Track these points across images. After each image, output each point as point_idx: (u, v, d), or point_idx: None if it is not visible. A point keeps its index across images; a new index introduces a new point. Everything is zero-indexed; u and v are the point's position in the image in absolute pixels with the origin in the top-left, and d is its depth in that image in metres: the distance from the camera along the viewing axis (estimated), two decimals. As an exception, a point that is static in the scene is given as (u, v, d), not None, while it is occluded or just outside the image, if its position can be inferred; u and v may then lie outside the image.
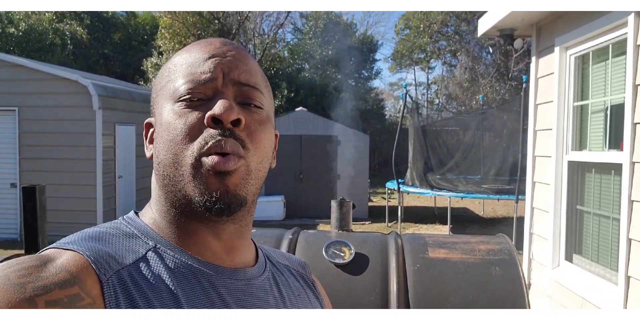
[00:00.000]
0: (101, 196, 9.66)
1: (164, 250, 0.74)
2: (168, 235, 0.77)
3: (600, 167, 3.82)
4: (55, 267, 0.64)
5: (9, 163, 9.72)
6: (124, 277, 0.67)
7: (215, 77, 0.75)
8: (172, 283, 0.70)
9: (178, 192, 0.74)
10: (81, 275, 0.64)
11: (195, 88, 0.74)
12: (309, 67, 24.02)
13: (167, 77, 0.79)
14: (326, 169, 13.14)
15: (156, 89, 0.81)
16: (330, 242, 2.00)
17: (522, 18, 4.48)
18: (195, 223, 0.76)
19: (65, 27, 23.56)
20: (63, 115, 9.55)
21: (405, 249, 1.99)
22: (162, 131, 0.75)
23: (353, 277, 1.93)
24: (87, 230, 0.75)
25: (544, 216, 4.49)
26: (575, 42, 4.01)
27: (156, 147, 0.77)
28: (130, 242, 0.74)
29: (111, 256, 0.69)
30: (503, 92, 22.04)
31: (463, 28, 23.86)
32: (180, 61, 0.79)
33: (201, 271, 0.74)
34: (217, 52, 0.78)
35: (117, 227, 0.77)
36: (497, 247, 2.01)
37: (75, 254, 0.67)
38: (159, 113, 0.78)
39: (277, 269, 0.90)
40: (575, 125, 4.12)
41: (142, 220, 0.79)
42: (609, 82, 3.69)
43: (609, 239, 3.70)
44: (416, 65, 30.80)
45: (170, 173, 0.74)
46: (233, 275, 0.77)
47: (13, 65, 9.60)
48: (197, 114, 0.73)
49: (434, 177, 12.16)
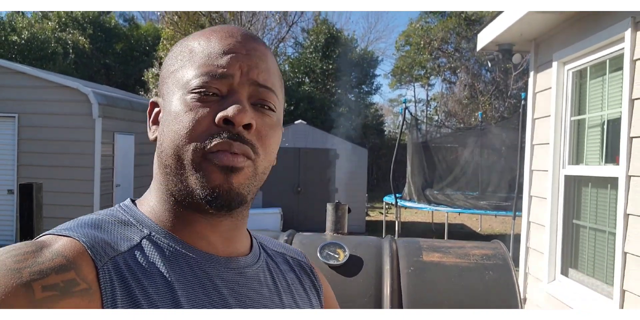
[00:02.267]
0: (98, 204, 9.64)
1: (158, 238, 0.74)
2: (164, 224, 0.77)
3: (596, 181, 3.84)
4: (51, 253, 0.64)
5: (7, 169, 9.71)
6: (119, 264, 0.67)
7: (232, 74, 0.73)
8: (166, 270, 0.70)
9: (179, 182, 0.73)
10: (77, 260, 0.64)
11: (211, 82, 0.73)
12: (309, 81, 24.11)
13: (181, 60, 0.77)
14: (324, 182, 13.15)
15: (167, 70, 0.79)
16: (325, 244, 2.01)
17: (521, 33, 4.52)
18: (193, 213, 0.76)
19: (67, 36, 23.69)
20: (62, 123, 9.57)
21: (399, 253, 2.00)
22: (170, 120, 0.74)
23: (347, 278, 1.93)
24: (83, 217, 0.75)
25: (541, 230, 4.49)
26: (572, 57, 4.04)
27: (161, 133, 0.76)
28: (125, 229, 0.74)
29: (107, 243, 0.69)
30: (502, 109, 22.13)
31: (463, 45, 24.01)
32: (198, 48, 0.76)
33: (195, 260, 0.74)
34: (238, 46, 0.75)
35: (113, 215, 0.77)
36: (491, 252, 2.01)
37: (71, 240, 0.67)
38: (168, 98, 0.76)
39: (271, 257, 0.90)
40: (572, 139, 4.14)
41: (138, 209, 0.79)
42: (606, 96, 3.71)
43: (604, 253, 3.70)
44: (416, 82, 30.94)
45: (172, 164, 0.73)
46: (227, 264, 0.77)
47: (14, 72, 9.63)
48: (208, 111, 0.72)
49: (431, 192, 12.16)
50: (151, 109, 0.82)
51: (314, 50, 23.70)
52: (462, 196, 12.05)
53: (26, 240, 0.80)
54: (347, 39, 24.89)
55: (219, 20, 21.66)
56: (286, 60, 25.88)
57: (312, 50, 23.78)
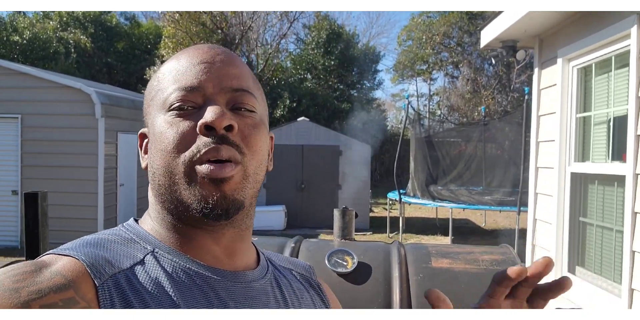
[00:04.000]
0: (102, 204, 9.65)
1: (162, 254, 0.74)
2: (167, 241, 0.77)
3: (603, 179, 3.81)
4: (50, 272, 0.64)
5: (10, 170, 9.72)
6: (120, 281, 0.67)
7: (204, 85, 0.74)
8: (171, 286, 0.70)
9: (175, 200, 0.74)
10: (76, 279, 0.64)
11: (185, 96, 0.74)
12: (311, 77, 24.07)
13: (156, 86, 0.78)
14: (327, 179, 13.13)
15: (147, 99, 0.80)
16: (333, 251, 1.99)
17: (525, 30, 4.49)
18: (194, 229, 0.76)
19: (69, 36, 23.68)
20: (65, 123, 9.57)
21: (408, 259, 1.98)
22: (155, 141, 0.75)
23: (355, 286, 1.91)
24: (86, 237, 0.75)
25: (547, 228, 4.47)
26: (577, 53, 4.01)
27: (150, 157, 0.77)
28: (128, 247, 0.74)
29: (107, 260, 0.69)
30: (505, 103, 22.07)
31: (465, 40, 23.93)
32: (168, 69, 0.78)
33: (200, 274, 0.73)
34: (205, 57, 0.77)
35: (117, 233, 0.77)
36: (500, 257, 1.99)
37: (71, 259, 0.67)
38: (152, 123, 0.77)
39: (280, 271, 0.89)
40: (578, 136, 4.12)
41: (141, 227, 0.79)
42: (612, 93, 3.69)
43: (612, 251, 3.68)
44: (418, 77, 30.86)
45: (165, 182, 0.74)
46: (233, 278, 0.76)
47: (17, 73, 9.63)
48: (188, 123, 0.73)
49: (435, 188, 12.14)
50: (141, 140, 0.83)
51: (316, 46, 23.66)
52: (466, 191, 12.03)
53: (31, 252, 0.81)
54: (349, 35, 24.81)
55: (220, 18, 21.63)
56: (288, 56, 25.84)
57: (314, 46, 23.74)
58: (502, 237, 12.21)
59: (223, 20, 21.80)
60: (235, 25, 22.30)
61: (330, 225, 10.82)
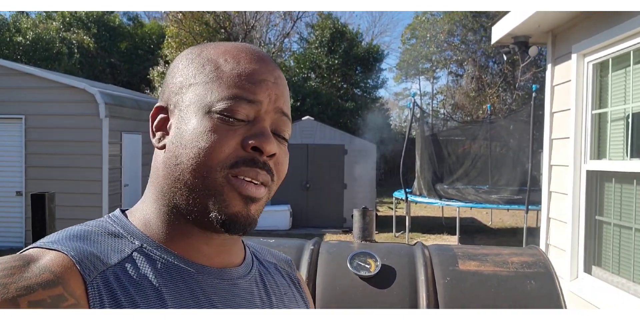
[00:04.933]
0: (107, 205, 9.59)
1: (149, 250, 0.74)
2: (157, 235, 0.76)
3: (620, 177, 3.72)
4: (38, 268, 0.64)
5: (15, 171, 9.68)
6: (108, 278, 0.67)
7: (261, 101, 0.75)
8: (158, 283, 0.70)
9: (194, 200, 0.73)
10: (65, 275, 0.64)
11: (240, 106, 0.73)
12: (314, 77, 23.99)
13: (205, 75, 0.76)
14: (333, 178, 13.06)
15: (186, 80, 0.78)
16: (355, 254, 1.90)
17: (539, 25, 4.40)
18: (192, 227, 0.76)
19: (72, 36, 23.64)
20: (70, 124, 9.52)
21: (433, 261, 1.89)
22: (193, 136, 0.73)
23: (380, 290, 1.82)
24: (71, 228, 0.74)
25: (562, 227, 4.38)
26: (593, 49, 3.92)
27: (177, 145, 0.74)
28: (115, 241, 0.73)
29: (96, 256, 0.68)
30: (510, 101, 21.97)
31: (470, 38, 23.82)
32: (225, 67, 0.76)
33: (187, 271, 0.74)
34: (267, 74, 0.77)
35: (102, 226, 0.76)
36: (530, 259, 1.90)
37: (59, 254, 0.66)
38: (187, 112, 0.75)
39: (264, 266, 0.91)
40: (594, 133, 4.03)
41: (128, 220, 0.78)
42: (630, 89, 3.60)
43: (631, 250, 3.59)
44: (421, 75, 30.78)
45: (191, 180, 0.73)
46: (219, 275, 0.77)
47: (20, 74, 9.59)
48: (234, 134, 0.73)
49: (442, 187, 12.05)
50: (156, 113, 0.80)
51: (319, 45, 23.57)
52: (473, 190, 11.95)
53: None
54: (352, 34, 24.72)
55: (223, 17, 21.57)
56: (291, 55, 25.77)
57: (317, 45, 23.65)
58: (509, 236, 12.13)
59: (226, 20, 21.75)
60: (239, 24, 22.26)
61: (335, 225, 10.85)
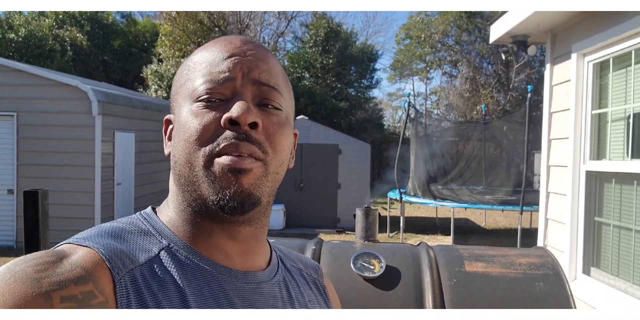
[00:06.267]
0: (99, 203, 9.51)
1: (176, 250, 0.74)
2: (183, 235, 0.77)
3: (620, 177, 3.69)
4: (70, 263, 0.64)
5: (6, 169, 9.58)
6: (136, 277, 0.67)
7: (234, 77, 0.74)
8: (183, 284, 0.70)
9: (193, 191, 0.74)
10: (95, 272, 0.65)
11: (214, 88, 0.74)
12: (309, 76, 23.94)
13: (186, 75, 0.78)
14: (327, 178, 13.01)
15: (176, 86, 0.81)
16: (358, 254, 1.84)
17: (538, 24, 4.37)
18: (211, 224, 0.76)
19: (65, 34, 23.49)
20: (62, 121, 9.43)
21: (439, 262, 1.83)
22: (179, 130, 0.75)
23: (384, 292, 1.77)
24: (103, 225, 0.75)
25: (560, 228, 4.35)
26: (593, 48, 3.89)
27: (173, 145, 0.77)
28: (144, 240, 0.74)
29: (125, 254, 0.69)
30: (504, 102, 21.99)
31: (464, 38, 23.83)
32: (199, 59, 0.78)
33: (212, 273, 0.74)
34: (237, 51, 0.77)
35: (134, 223, 0.77)
36: (538, 260, 1.86)
37: (90, 250, 0.67)
38: (178, 112, 0.78)
39: (290, 272, 0.89)
40: (593, 134, 4.00)
41: (158, 218, 0.79)
42: (631, 89, 3.57)
43: (630, 251, 3.56)
44: (415, 76, 30.77)
45: (185, 173, 0.74)
46: (243, 279, 0.77)
47: (13, 70, 9.48)
48: (214, 115, 0.72)
49: (436, 187, 12.03)
50: (166, 126, 0.83)
51: (314, 44, 23.52)
52: (467, 191, 11.94)
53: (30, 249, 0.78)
54: (347, 33, 24.69)
55: (217, 16, 21.49)
56: (286, 55, 25.71)
57: (312, 44, 23.60)
58: (503, 237, 12.12)
59: (221, 19, 21.67)
60: (233, 23, 22.18)
61: (329, 225, 10.77)
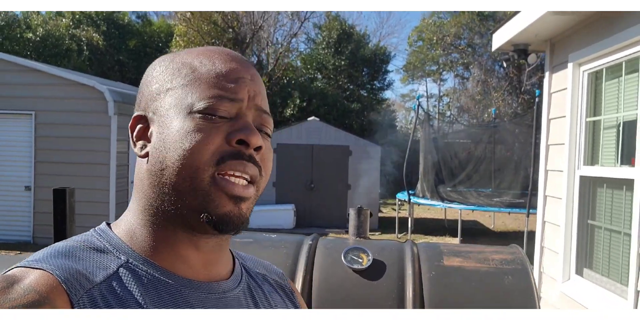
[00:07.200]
0: (114, 201, 9.75)
1: (135, 265, 0.73)
2: (142, 248, 0.75)
3: (612, 182, 3.86)
4: (23, 288, 0.62)
5: (24, 166, 9.84)
6: (95, 297, 0.66)
7: (242, 99, 0.75)
8: (144, 301, 0.69)
9: (182, 202, 0.73)
10: (51, 295, 0.63)
11: (221, 104, 0.74)
12: (321, 77, 24.14)
13: (182, 78, 0.77)
14: (337, 178, 13.20)
15: (162, 86, 0.79)
16: (349, 249, 2.08)
17: (536, 34, 4.54)
18: (179, 233, 0.75)
19: (81, 33, 23.85)
20: (79, 120, 9.67)
21: (421, 257, 2.07)
22: (175, 138, 0.73)
23: (371, 282, 2.01)
24: (56, 244, 0.73)
25: (556, 230, 4.52)
26: (588, 58, 4.06)
27: (161, 150, 0.74)
28: (101, 257, 0.72)
29: (82, 274, 0.67)
30: (515, 105, 22.05)
31: (476, 41, 23.91)
32: (201, 68, 0.77)
33: (174, 286, 0.73)
34: (244, 73, 0.78)
35: (88, 240, 0.75)
36: (510, 257, 2.07)
37: (44, 273, 0.65)
38: (168, 116, 0.75)
39: (253, 279, 0.89)
40: (588, 140, 4.17)
41: (114, 233, 0.77)
42: (622, 98, 3.73)
43: (619, 253, 3.73)
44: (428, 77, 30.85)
45: (178, 182, 0.72)
46: (207, 289, 0.76)
47: (31, 70, 9.74)
48: (219, 132, 0.73)
49: (445, 189, 12.18)
50: (134, 123, 0.80)
51: (326, 46, 23.71)
52: (475, 193, 12.07)
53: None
54: (359, 35, 24.86)
55: (231, 17, 21.74)
56: (298, 56, 25.90)
57: (325, 46, 23.80)
58: (510, 240, 12.23)
59: (234, 20, 21.92)
60: (247, 24, 22.41)
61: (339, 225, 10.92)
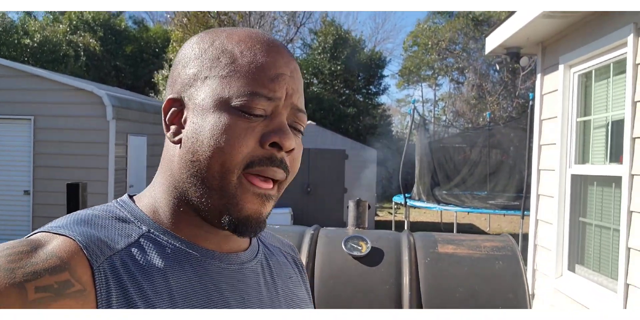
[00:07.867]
0: (112, 205, 9.80)
1: (156, 235, 0.74)
2: (164, 222, 0.76)
3: (601, 180, 3.98)
4: (45, 253, 0.64)
5: (23, 171, 9.89)
6: (115, 263, 0.67)
7: (280, 97, 0.74)
8: (165, 268, 0.70)
9: (207, 199, 0.73)
10: (72, 261, 0.64)
11: (260, 104, 0.72)
12: (317, 82, 24.28)
13: (221, 68, 0.74)
14: (334, 182, 13.28)
15: (201, 72, 0.75)
16: (349, 237, 2.20)
17: (528, 37, 4.67)
18: (199, 220, 0.76)
19: (78, 39, 23.95)
20: (77, 125, 9.73)
21: (417, 245, 2.19)
22: (209, 133, 0.71)
23: (370, 268, 2.12)
24: (78, 212, 0.74)
25: (548, 227, 4.63)
26: (578, 60, 4.19)
27: (195, 141, 0.73)
28: (122, 226, 0.73)
29: (103, 241, 0.68)
30: (510, 109, 22.21)
31: (471, 46, 24.11)
32: (241, 58, 0.74)
33: (194, 256, 0.74)
34: (284, 67, 0.75)
35: (110, 210, 0.76)
36: (500, 244, 2.19)
37: (66, 239, 0.66)
38: (203, 105, 0.74)
39: (270, 250, 0.91)
40: (578, 139, 4.29)
41: (136, 205, 0.78)
42: (610, 98, 3.86)
43: (609, 249, 3.84)
44: (423, 82, 31.02)
45: (205, 179, 0.73)
46: (226, 260, 0.78)
47: (30, 75, 9.81)
48: (254, 132, 0.72)
49: (440, 192, 12.28)
50: (168, 106, 0.78)
51: (322, 51, 23.86)
52: (470, 196, 12.17)
53: None
54: (355, 40, 25.03)
55: (227, 22, 21.86)
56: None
57: (320, 51, 23.95)
58: (505, 241, 12.33)
59: (231, 25, 22.04)
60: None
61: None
